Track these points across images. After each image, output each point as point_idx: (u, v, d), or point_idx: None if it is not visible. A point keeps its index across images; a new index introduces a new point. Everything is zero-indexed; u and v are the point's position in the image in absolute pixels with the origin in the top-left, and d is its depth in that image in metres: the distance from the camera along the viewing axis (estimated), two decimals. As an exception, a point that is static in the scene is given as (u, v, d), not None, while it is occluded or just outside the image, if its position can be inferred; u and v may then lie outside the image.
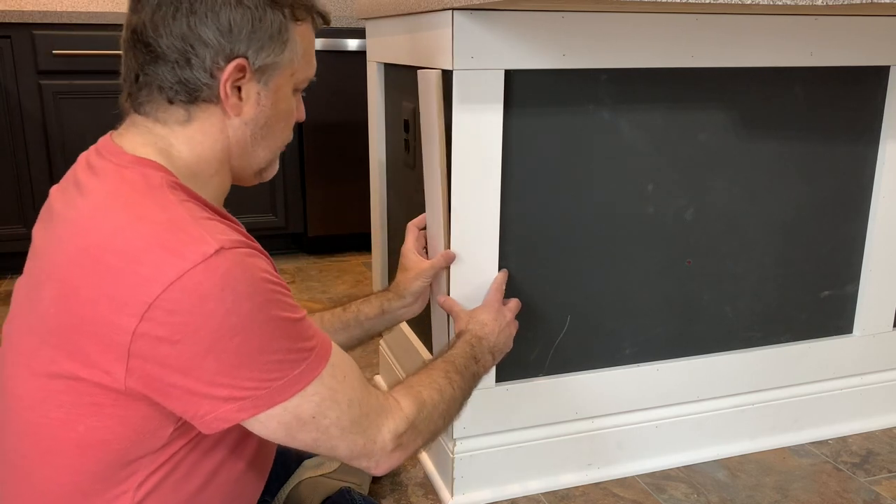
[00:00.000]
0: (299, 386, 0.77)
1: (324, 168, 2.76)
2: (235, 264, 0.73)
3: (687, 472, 1.44)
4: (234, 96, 0.81)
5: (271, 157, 0.90)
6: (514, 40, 1.15)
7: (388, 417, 0.87)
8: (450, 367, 1.02)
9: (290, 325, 0.77)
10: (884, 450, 1.52)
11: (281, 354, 0.76)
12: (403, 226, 1.30)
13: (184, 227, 0.73)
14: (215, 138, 0.83)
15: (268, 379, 0.75)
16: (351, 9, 3.22)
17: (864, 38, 1.36)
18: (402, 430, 0.87)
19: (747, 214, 1.40)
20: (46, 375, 0.76)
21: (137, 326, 0.70)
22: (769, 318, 1.48)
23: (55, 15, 2.41)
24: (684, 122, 1.31)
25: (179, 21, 0.77)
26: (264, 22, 0.79)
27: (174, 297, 0.70)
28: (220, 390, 0.73)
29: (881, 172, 1.46)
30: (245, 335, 0.73)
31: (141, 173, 0.77)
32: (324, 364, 0.80)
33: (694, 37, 1.25)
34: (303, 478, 1.23)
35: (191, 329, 0.71)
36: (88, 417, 0.76)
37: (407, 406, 0.90)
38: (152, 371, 0.73)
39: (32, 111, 2.46)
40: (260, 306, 0.74)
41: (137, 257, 0.71)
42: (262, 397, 0.75)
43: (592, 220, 1.31)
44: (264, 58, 0.81)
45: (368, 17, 1.59)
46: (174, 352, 0.71)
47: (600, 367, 1.38)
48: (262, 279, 0.75)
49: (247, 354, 0.73)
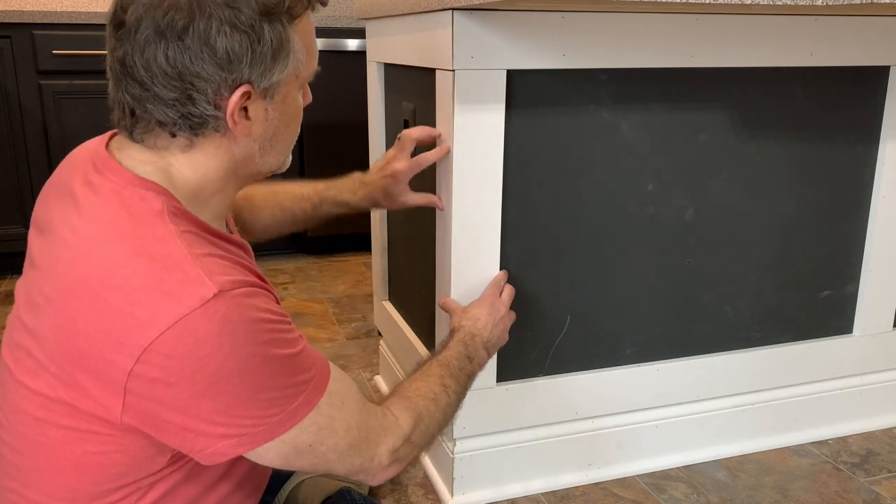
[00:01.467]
0: (296, 419, 0.77)
1: (324, 168, 2.75)
2: (233, 308, 0.70)
3: (687, 472, 1.44)
4: (241, 121, 0.76)
5: (283, 158, 0.86)
6: (514, 40, 1.15)
7: (386, 436, 0.87)
8: (445, 371, 1.01)
9: (287, 362, 0.75)
10: (884, 450, 1.52)
11: (278, 391, 0.75)
12: (403, 226, 1.31)
13: (182, 266, 0.70)
14: (220, 159, 0.79)
15: (265, 416, 0.74)
16: (351, 9, 3.22)
17: (864, 38, 1.36)
18: (399, 446, 0.88)
19: (747, 214, 1.40)
20: (45, 398, 0.75)
21: (133, 367, 0.69)
22: (769, 318, 1.48)
23: (55, 15, 2.41)
24: (684, 122, 1.31)
25: (173, 59, 0.71)
26: (263, 42, 0.74)
27: (170, 342, 0.68)
28: (216, 428, 0.73)
29: (881, 172, 1.46)
30: (242, 377, 0.71)
31: (140, 196, 0.74)
32: (321, 394, 0.79)
33: (694, 37, 1.25)
34: (303, 477, 1.23)
35: (187, 373, 0.69)
36: (85, 443, 0.75)
37: (404, 422, 0.89)
38: (148, 408, 0.71)
39: (32, 111, 2.46)
40: (257, 348, 0.72)
41: (135, 297, 0.69)
42: (260, 433, 0.75)
43: (593, 220, 1.31)
44: (269, 79, 0.76)
45: (368, 17, 1.59)
46: (170, 393, 0.70)
47: (600, 367, 1.38)
48: (261, 320, 0.73)
49: (244, 395, 0.72)
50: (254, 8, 0.72)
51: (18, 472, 0.79)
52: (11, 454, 0.80)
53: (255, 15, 0.73)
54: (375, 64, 1.61)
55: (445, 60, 1.15)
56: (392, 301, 1.71)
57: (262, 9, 0.73)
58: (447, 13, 1.13)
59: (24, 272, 0.83)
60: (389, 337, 1.70)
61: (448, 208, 1.21)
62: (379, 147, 1.66)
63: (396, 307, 1.67)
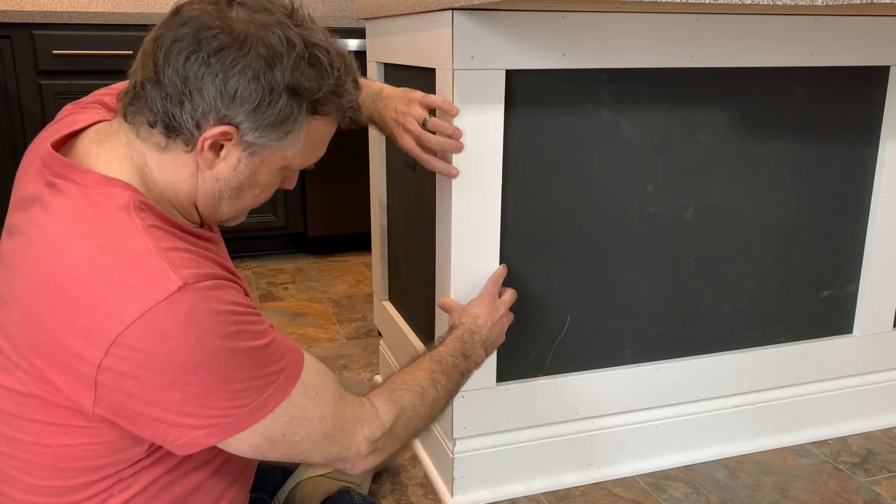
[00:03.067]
0: (267, 409, 0.77)
1: (324, 168, 2.75)
2: (198, 301, 0.71)
3: (687, 472, 1.44)
4: (210, 152, 0.78)
5: (236, 213, 0.87)
6: (514, 40, 1.15)
7: (363, 425, 0.87)
8: (436, 367, 1.01)
9: (256, 353, 0.76)
10: (884, 450, 1.52)
11: (248, 382, 0.75)
12: (403, 226, 1.30)
13: (147, 260, 0.71)
14: (185, 178, 0.80)
15: (235, 406, 0.75)
16: (351, 9, 3.22)
17: (864, 38, 1.36)
18: (378, 437, 0.88)
19: (747, 214, 1.40)
20: (19, 393, 0.75)
21: (103, 360, 0.70)
22: (769, 318, 1.48)
23: (55, 15, 2.41)
24: (684, 122, 1.31)
25: (190, 63, 0.74)
26: (273, 108, 0.75)
27: (137, 335, 0.69)
28: (186, 419, 0.74)
29: (881, 172, 1.46)
30: (209, 369, 0.72)
31: (107, 193, 0.75)
32: (293, 384, 0.80)
33: (694, 37, 1.25)
34: (302, 478, 1.23)
35: (155, 365, 0.70)
36: (61, 436, 0.76)
37: (385, 413, 0.90)
38: (119, 400, 0.72)
39: (32, 111, 2.46)
40: (223, 341, 0.73)
41: (100, 292, 0.70)
42: (230, 424, 0.75)
43: (593, 220, 1.31)
44: (257, 137, 0.77)
45: (368, 17, 1.59)
46: (139, 385, 0.71)
47: (600, 367, 1.38)
48: (227, 312, 0.74)
49: (212, 386, 0.73)
50: (285, 79, 0.75)
51: (0, 471, 0.80)
52: None
53: (282, 84, 0.75)
54: (375, 64, 1.61)
55: (445, 60, 1.15)
56: (392, 301, 1.71)
57: (292, 85, 0.76)
58: (447, 13, 1.13)
59: None
60: (389, 337, 1.70)
61: (448, 208, 1.20)
62: (379, 147, 1.66)
63: (396, 307, 1.67)
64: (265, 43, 0.74)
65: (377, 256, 1.74)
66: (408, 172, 1.48)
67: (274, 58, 0.74)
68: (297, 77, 0.75)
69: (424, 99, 1.13)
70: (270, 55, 0.74)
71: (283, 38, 0.75)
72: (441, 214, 1.24)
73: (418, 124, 1.13)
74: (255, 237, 2.84)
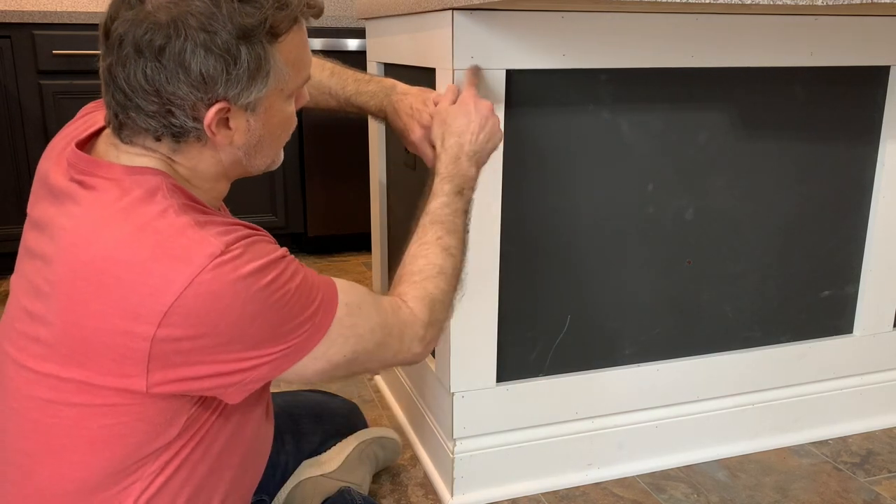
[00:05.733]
0: (320, 335, 0.82)
1: (324, 168, 2.76)
2: (241, 259, 0.75)
3: (687, 472, 1.44)
4: (221, 131, 0.79)
5: (271, 159, 0.88)
6: (514, 40, 1.15)
7: (408, 327, 0.92)
8: (440, 229, 0.99)
9: (298, 293, 0.80)
10: (884, 450, 1.52)
11: (298, 317, 0.79)
12: (403, 226, 1.30)
13: (186, 231, 0.74)
14: (208, 163, 0.82)
15: (291, 340, 0.79)
16: (351, 9, 3.22)
17: (864, 38, 1.36)
18: (422, 333, 0.93)
19: (747, 214, 1.40)
20: (57, 378, 0.76)
21: (156, 332, 0.72)
22: (769, 318, 1.48)
23: (55, 15, 2.41)
24: (684, 122, 1.31)
25: (151, 77, 0.73)
26: (240, 63, 0.75)
27: (189, 302, 0.72)
28: (248, 363, 0.77)
29: (881, 172, 1.46)
30: (262, 318, 0.76)
31: (138, 181, 0.77)
32: (335, 306, 0.84)
33: (694, 37, 1.25)
34: (302, 478, 1.23)
35: (211, 325, 0.73)
36: (102, 417, 0.77)
37: (420, 311, 0.93)
38: (176, 367, 0.75)
39: (32, 111, 2.46)
40: (269, 289, 0.76)
41: (146, 267, 0.72)
42: (290, 354, 0.80)
43: (593, 220, 1.31)
44: (247, 95, 0.77)
45: (368, 17, 1.59)
46: (197, 346, 0.74)
47: (600, 367, 1.38)
48: (267, 263, 0.77)
49: (267, 331, 0.77)
50: (230, 31, 0.74)
51: (26, 458, 0.79)
52: (14, 441, 0.80)
53: (232, 39, 0.74)
54: (375, 64, 1.61)
55: (445, 60, 1.15)
56: (392, 301, 1.71)
57: (240, 32, 0.74)
58: (447, 13, 1.13)
59: (18, 265, 0.84)
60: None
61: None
62: (379, 146, 1.66)
63: (396, 307, 1.67)
64: (192, 14, 0.73)
65: (377, 256, 1.74)
66: (408, 172, 1.48)
67: (209, 22, 0.73)
68: (240, 22, 0.74)
69: (438, 98, 1.14)
70: (204, 22, 0.73)
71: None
72: (441, 214, 1.24)
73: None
74: (255, 237, 2.83)
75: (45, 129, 2.48)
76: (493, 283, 1.25)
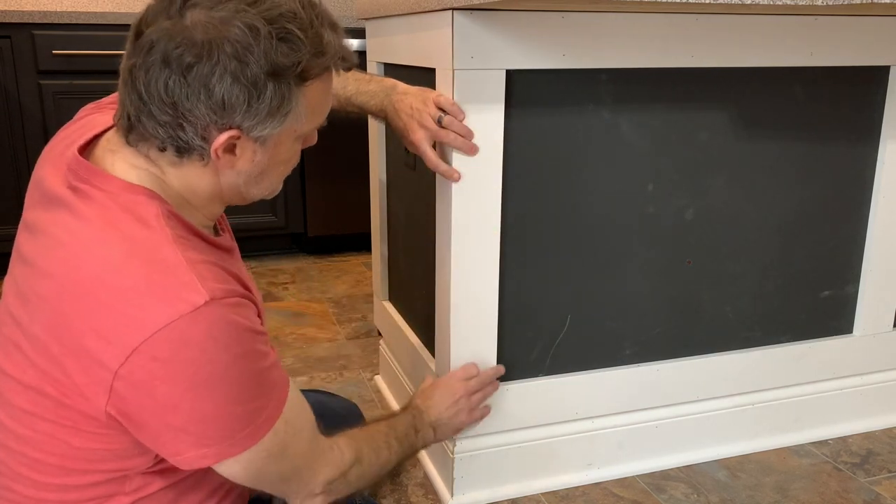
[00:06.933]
0: (255, 440, 0.78)
1: (324, 168, 2.76)
2: (222, 317, 0.73)
3: (687, 472, 1.44)
4: (226, 156, 0.78)
5: (269, 190, 0.87)
6: (514, 40, 1.15)
7: (326, 467, 0.91)
8: (391, 431, 1.07)
9: (261, 377, 0.78)
10: (884, 450, 1.52)
11: (248, 405, 0.77)
12: (403, 226, 1.30)
13: (175, 270, 0.72)
14: (206, 182, 0.81)
15: (231, 431, 0.76)
16: (351, 9, 3.22)
17: (864, 38, 1.36)
18: (334, 479, 0.92)
19: (747, 214, 1.40)
20: (36, 392, 0.76)
21: (120, 368, 0.71)
22: (769, 318, 1.48)
23: (55, 15, 2.41)
24: (684, 122, 1.31)
25: (170, 88, 0.72)
26: (263, 99, 0.74)
27: (157, 345, 0.70)
28: (188, 437, 0.75)
29: (881, 173, 1.46)
30: (219, 385, 0.74)
31: (134, 202, 0.76)
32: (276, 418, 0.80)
33: (694, 37, 1.25)
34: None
35: (169, 375, 0.71)
36: (72, 437, 0.76)
37: (347, 458, 0.94)
38: (130, 408, 0.73)
39: (32, 111, 2.46)
40: (237, 358, 0.74)
41: (127, 297, 0.71)
42: (224, 449, 0.77)
43: (593, 220, 1.31)
44: (261, 129, 0.76)
45: (368, 17, 1.59)
46: (151, 395, 0.72)
47: (600, 367, 1.38)
48: (245, 330, 0.75)
49: (220, 403, 0.74)
50: (262, 66, 0.73)
51: (7, 466, 0.80)
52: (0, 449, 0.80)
53: (262, 73, 0.73)
54: (376, 64, 1.61)
55: (445, 60, 1.15)
56: (392, 301, 1.71)
57: (271, 68, 0.73)
58: (447, 13, 1.13)
59: (11, 268, 0.84)
60: (389, 337, 1.70)
61: (448, 208, 1.20)
62: (379, 146, 1.66)
63: (396, 307, 1.67)
64: (230, 41, 0.72)
65: (377, 256, 1.74)
66: (408, 172, 1.48)
67: (244, 52, 0.72)
68: (274, 59, 0.73)
69: (438, 98, 1.14)
70: (239, 51, 0.72)
71: (245, 27, 0.72)
72: (441, 214, 1.24)
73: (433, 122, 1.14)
74: (256, 237, 2.84)
75: (45, 129, 2.48)
76: (494, 283, 1.25)
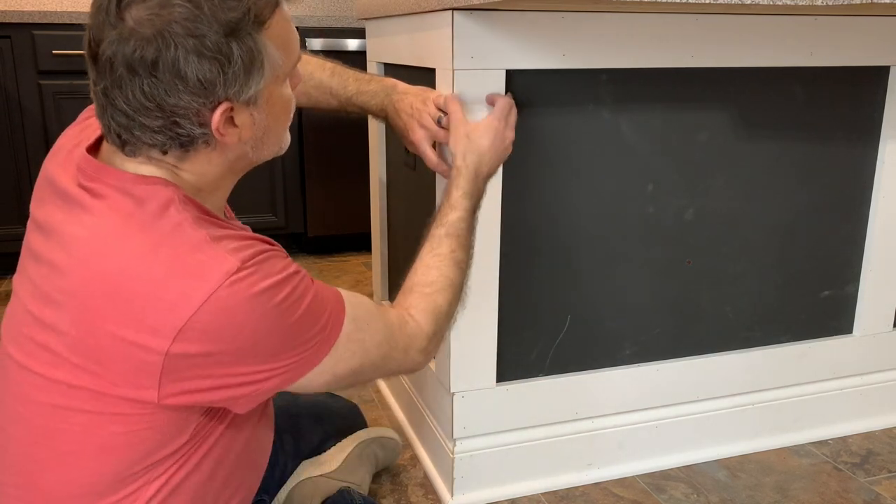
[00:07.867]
0: (327, 349, 0.83)
1: (324, 168, 2.76)
2: (256, 276, 0.75)
3: (687, 472, 1.44)
4: (229, 130, 0.78)
5: (279, 146, 0.88)
6: (514, 40, 1.15)
7: (413, 340, 0.95)
8: (455, 243, 1.04)
9: (309, 309, 0.81)
10: (884, 450, 1.52)
11: (308, 333, 0.81)
12: (403, 226, 1.30)
13: (202, 247, 0.74)
14: (215, 164, 0.81)
15: (300, 354, 0.81)
16: (351, 9, 3.22)
17: (864, 38, 1.36)
18: (426, 345, 0.96)
19: (747, 214, 1.40)
20: (67, 385, 0.76)
21: (170, 348, 0.73)
22: (769, 318, 1.48)
23: (55, 15, 2.41)
24: (684, 122, 1.31)
25: (150, 93, 0.72)
26: (233, 61, 0.73)
27: (204, 319, 0.73)
28: (257, 377, 0.79)
29: (881, 172, 1.46)
30: (274, 334, 0.77)
31: (149, 191, 0.77)
32: (342, 321, 0.85)
33: (694, 37, 1.25)
34: (302, 478, 1.23)
35: (224, 341, 0.74)
36: (112, 424, 0.77)
37: (426, 323, 0.97)
38: (189, 381, 0.75)
39: (32, 111, 2.46)
40: (282, 306, 0.77)
41: (163, 283, 0.72)
42: (297, 368, 0.81)
43: (593, 220, 1.31)
44: (246, 91, 0.76)
45: (368, 17, 1.59)
46: (210, 360, 0.75)
47: (600, 367, 1.38)
48: (280, 280, 0.78)
49: (279, 345, 0.78)
50: (217, 31, 0.72)
51: (33, 464, 0.79)
52: (20, 446, 0.80)
53: (221, 38, 0.72)
54: (375, 64, 1.61)
55: (445, 60, 1.15)
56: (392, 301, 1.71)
57: (227, 29, 0.73)
58: (447, 13, 1.13)
59: (22, 266, 0.84)
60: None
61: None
62: (379, 147, 1.66)
63: (396, 307, 1.67)
64: (177, 21, 0.71)
65: (377, 256, 1.74)
66: (408, 172, 1.48)
67: (195, 26, 0.71)
68: (225, 18, 0.72)
69: (438, 99, 1.15)
70: (190, 27, 0.71)
71: (184, 1, 0.72)
72: (441, 214, 1.24)
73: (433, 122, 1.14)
74: (255, 237, 2.83)
75: (45, 129, 2.48)
76: (494, 283, 1.25)
